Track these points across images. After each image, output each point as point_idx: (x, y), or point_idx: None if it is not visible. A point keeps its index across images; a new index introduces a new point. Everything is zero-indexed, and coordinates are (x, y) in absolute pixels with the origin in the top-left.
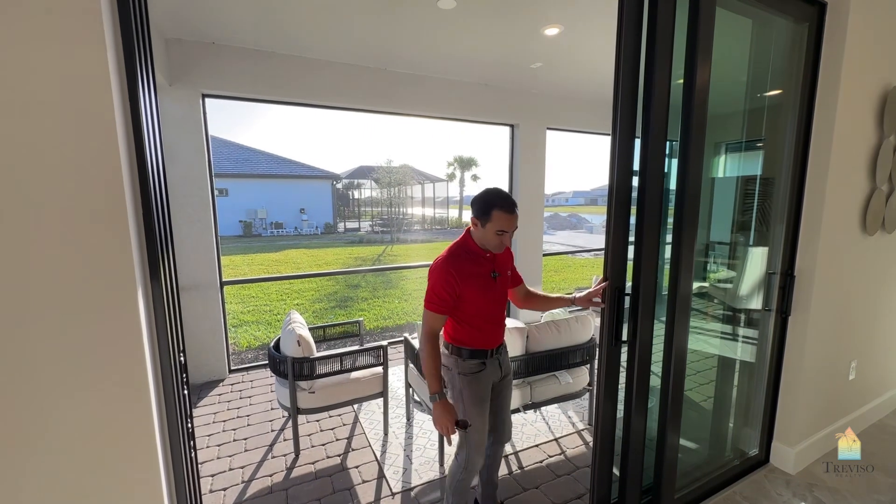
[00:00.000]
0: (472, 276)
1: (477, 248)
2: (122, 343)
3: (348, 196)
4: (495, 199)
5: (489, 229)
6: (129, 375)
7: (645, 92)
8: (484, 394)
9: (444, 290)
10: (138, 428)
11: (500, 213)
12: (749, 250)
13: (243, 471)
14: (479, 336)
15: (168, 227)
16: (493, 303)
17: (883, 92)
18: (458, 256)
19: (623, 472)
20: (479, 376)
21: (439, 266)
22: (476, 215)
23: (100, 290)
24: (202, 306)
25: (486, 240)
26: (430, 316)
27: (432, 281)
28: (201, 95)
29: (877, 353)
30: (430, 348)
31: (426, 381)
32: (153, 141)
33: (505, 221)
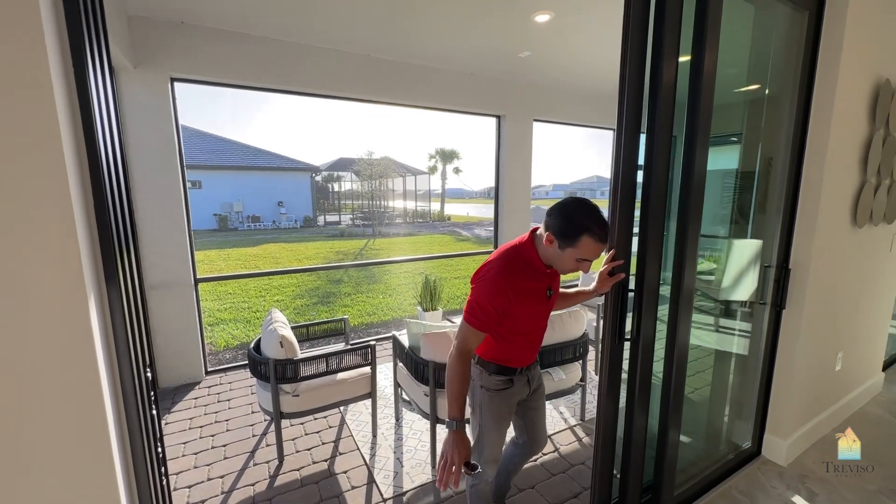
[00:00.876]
0: (528, 293)
1: (539, 262)
2: (68, 363)
3: (328, 189)
4: (589, 222)
5: (569, 255)
6: (80, 402)
7: (651, 85)
8: (506, 412)
9: (491, 307)
10: (94, 464)
11: (590, 241)
12: (743, 243)
13: (223, 480)
14: (515, 354)
15: (129, 224)
16: (540, 321)
17: (875, 85)
18: (516, 270)
19: (624, 471)
20: (503, 393)
21: (493, 278)
22: (557, 234)
23: (39, 299)
24: (175, 305)
25: (560, 263)
26: (469, 331)
27: (480, 292)
28: (170, 79)
29: (860, 343)
30: (460, 368)
31: (448, 402)
32: (107, 127)
33: (593, 250)
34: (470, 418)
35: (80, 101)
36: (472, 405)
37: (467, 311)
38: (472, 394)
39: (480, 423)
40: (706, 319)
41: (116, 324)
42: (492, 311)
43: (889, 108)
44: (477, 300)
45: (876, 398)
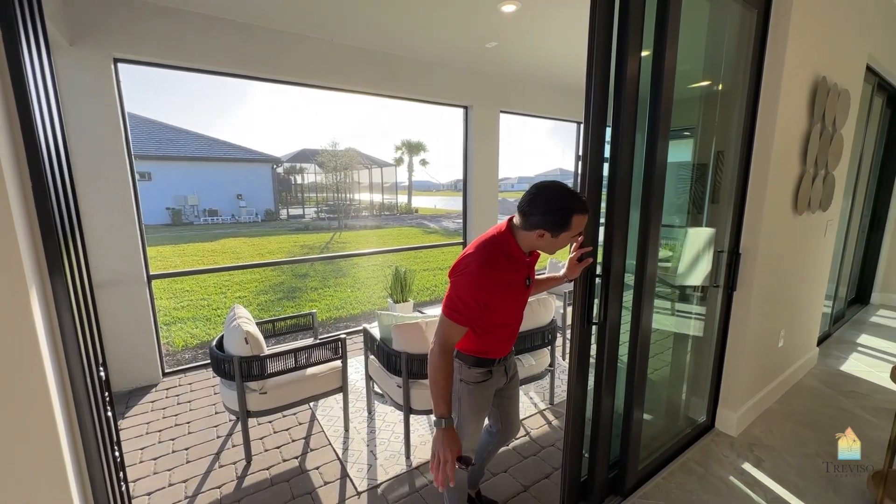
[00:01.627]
0: (508, 284)
1: (519, 251)
2: (9, 362)
3: (290, 181)
4: (571, 202)
5: (564, 237)
6: (25, 405)
7: (616, 80)
8: (484, 403)
9: (473, 300)
10: (44, 472)
11: (578, 217)
12: (698, 231)
13: (186, 485)
14: (495, 346)
15: (73, 212)
16: (518, 313)
17: (814, 81)
18: (498, 263)
19: (592, 450)
20: (482, 385)
21: (475, 271)
22: (549, 227)
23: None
24: (126, 304)
25: (554, 247)
26: (450, 326)
27: (460, 287)
28: (113, 60)
29: (799, 320)
30: (443, 365)
31: (433, 401)
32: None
33: (583, 223)
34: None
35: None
36: (452, 397)
37: (447, 307)
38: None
39: (460, 414)
40: (664, 304)
41: (63, 319)
42: (473, 305)
43: (825, 104)
44: (458, 294)
45: (812, 371)
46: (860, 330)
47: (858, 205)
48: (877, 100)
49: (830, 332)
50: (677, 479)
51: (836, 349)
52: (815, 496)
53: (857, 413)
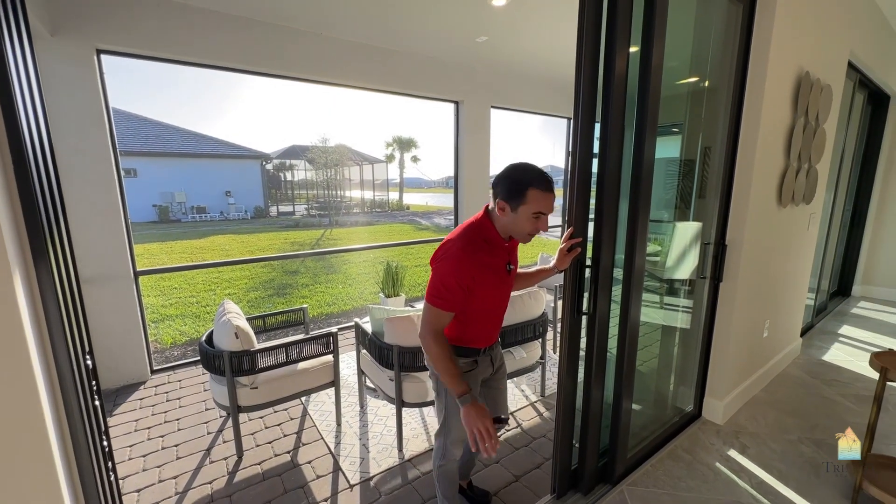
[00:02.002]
0: (489, 268)
1: (497, 235)
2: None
3: (280, 178)
4: (529, 176)
5: (523, 213)
6: (10, 392)
7: (605, 76)
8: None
9: (456, 284)
10: (31, 461)
11: (536, 193)
12: (685, 226)
13: (176, 481)
14: (479, 335)
15: (58, 200)
16: (500, 300)
17: (798, 76)
18: (477, 247)
19: (582, 440)
20: (468, 375)
21: (456, 254)
22: (504, 198)
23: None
24: (113, 300)
25: (518, 226)
26: (436, 314)
27: (442, 272)
28: (96, 51)
29: (783, 312)
30: (439, 349)
31: (447, 384)
32: (28, 97)
33: (544, 201)
34: (434, 401)
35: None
36: (437, 389)
37: (431, 294)
38: (435, 378)
39: (446, 405)
40: (653, 298)
41: (48, 305)
42: (457, 289)
43: (808, 98)
44: (441, 279)
45: (795, 361)
46: (842, 321)
47: (840, 199)
48: (858, 96)
49: (813, 324)
50: (665, 466)
51: (819, 340)
52: (798, 480)
53: (838, 401)
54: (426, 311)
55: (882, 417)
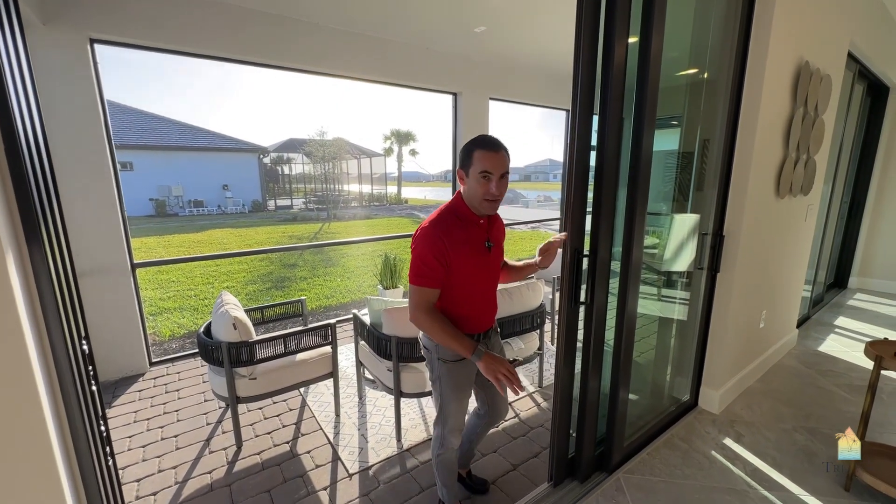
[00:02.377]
0: (463, 242)
1: (469, 211)
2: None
3: (278, 171)
4: (475, 141)
5: (473, 176)
6: (5, 376)
7: (603, 68)
8: (464, 381)
9: (433, 258)
10: (27, 445)
11: (480, 153)
12: (684, 218)
13: (175, 471)
14: (468, 319)
15: (51, 185)
16: (485, 278)
17: (797, 66)
18: (448, 221)
19: (579, 428)
20: (460, 364)
21: (426, 231)
22: (461, 166)
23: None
24: (110, 293)
25: (473, 191)
26: (421, 292)
27: (419, 251)
28: (89, 40)
29: (780, 303)
30: (432, 321)
31: (456, 349)
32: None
33: (487, 160)
34: (432, 390)
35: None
36: (433, 378)
37: (413, 274)
38: (430, 366)
39: (441, 394)
40: (651, 290)
41: (43, 289)
42: (435, 263)
43: (808, 88)
44: (419, 258)
45: (791, 352)
46: (838, 313)
47: (838, 191)
48: (857, 87)
49: (809, 315)
50: (661, 454)
51: (815, 331)
52: (791, 468)
53: (833, 390)
54: (412, 293)
55: (875, 406)
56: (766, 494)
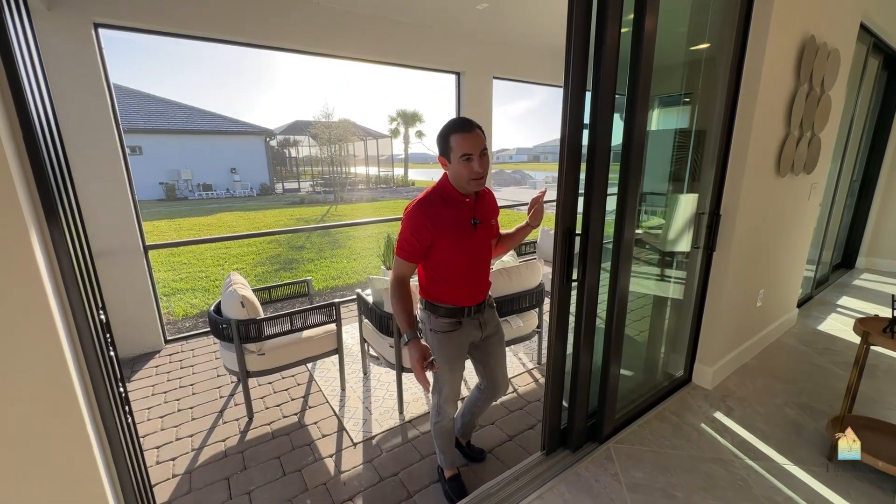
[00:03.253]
0: (448, 221)
1: (454, 191)
2: (15, 296)
3: (284, 154)
4: (449, 125)
5: (455, 159)
6: (36, 342)
7: (596, 43)
8: (456, 353)
9: (412, 236)
10: (58, 403)
11: (457, 137)
12: (681, 197)
13: (192, 439)
14: (456, 292)
15: (65, 167)
16: (472, 254)
17: (802, 41)
18: (432, 201)
19: (571, 401)
20: (452, 336)
21: (411, 212)
22: (441, 153)
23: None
24: (125, 274)
25: (458, 174)
26: (400, 263)
27: (403, 227)
28: (93, 25)
29: (779, 282)
30: (396, 292)
31: (400, 324)
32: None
33: (464, 142)
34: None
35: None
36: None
37: (397, 246)
38: (425, 338)
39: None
40: (649, 269)
41: (63, 262)
42: (413, 241)
43: (813, 64)
44: (402, 234)
45: (790, 331)
46: (842, 292)
47: (848, 169)
48: (872, 61)
49: (812, 295)
50: (652, 426)
51: (817, 310)
52: (778, 439)
53: (827, 367)
54: (395, 260)
55: (870, 383)
56: (751, 464)
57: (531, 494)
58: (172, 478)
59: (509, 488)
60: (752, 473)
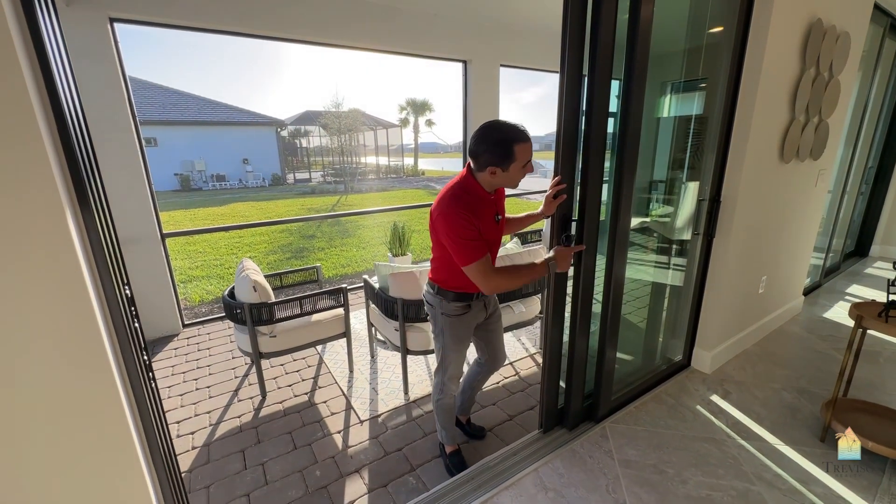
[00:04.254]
0: (482, 219)
1: (482, 191)
2: (57, 270)
3: (296, 145)
4: (511, 134)
5: (514, 169)
6: (73, 303)
7: (592, 28)
8: (465, 334)
9: (475, 232)
10: (91, 356)
11: (520, 147)
12: (685, 185)
13: (209, 415)
14: (470, 284)
15: (93, 155)
16: (493, 248)
17: (808, 24)
18: (470, 204)
19: (568, 382)
20: (462, 318)
21: (458, 218)
22: (496, 163)
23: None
24: (144, 260)
25: (512, 180)
26: (479, 266)
27: (455, 234)
28: (108, 19)
29: (782, 269)
30: (503, 277)
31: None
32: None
33: (527, 151)
34: (434, 341)
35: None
36: (436, 332)
37: (462, 254)
38: (434, 321)
39: (444, 345)
40: (649, 255)
41: (93, 242)
42: (476, 235)
43: (819, 48)
44: (460, 238)
45: (795, 318)
46: (851, 281)
47: (862, 155)
48: (889, 42)
49: (821, 283)
50: (648, 407)
51: (824, 298)
52: (773, 422)
53: (829, 353)
54: (471, 273)
55: (870, 368)
56: (743, 443)
57: (527, 468)
58: (192, 449)
59: (506, 462)
60: (743, 452)
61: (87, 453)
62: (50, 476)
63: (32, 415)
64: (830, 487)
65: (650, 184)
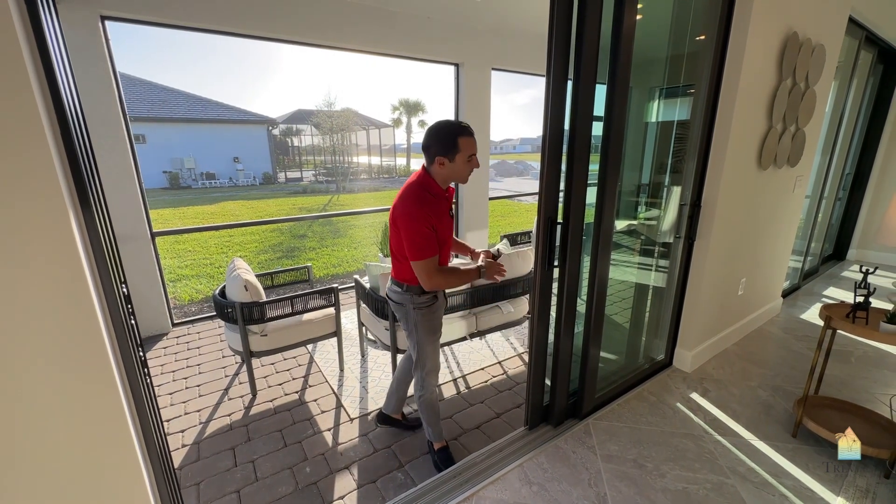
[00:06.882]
0: (440, 214)
1: (438, 188)
2: (60, 268)
3: (287, 143)
4: (454, 128)
5: (459, 160)
6: (75, 301)
7: (577, 33)
8: (437, 324)
9: (430, 231)
10: (92, 351)
11: (465, 139)
12: (669, 189)
13: (199, 414)
14: None
15: (91, 154)
16: (443, 246)
17: (784, 37)
18: (426, 200)
19: (553, 380)
20: (432, 308)
21: (416, 215)
22: (441, 153)
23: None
24: (134, 259)
25: (458, 172)
26: (427, 263)
27: (413, 230)
28: (100, 17)
29: (761, 271)
30: (444, 276)
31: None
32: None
33: (472, 144)
34: (407, 340)
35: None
36: (408, 328)
37: (415, 252)
38: (404, 318)
39: (418, 340)
40: (632, 257)
41: (93, 241)
42: (431, 234)
43: (795, 60)
44: (416, 234)
45: (773, 319)
46: (829, 283)
47: (839, 162)
48: (865, 54)
49: (800, 286)
50: (631, 405)
51: (803, 300)
52: (748, 418)
53: (804, 353)
54: (419, 268)
55: (842, 367)
56: (720, 439)
57: (513, 463)
58: (182, 447)
59: (493, 458)
60: (719, 447)
61: (87, 448)
62: (51, 470)
63: (34, 410)
64: (800, 480)
65: (637, 187)
